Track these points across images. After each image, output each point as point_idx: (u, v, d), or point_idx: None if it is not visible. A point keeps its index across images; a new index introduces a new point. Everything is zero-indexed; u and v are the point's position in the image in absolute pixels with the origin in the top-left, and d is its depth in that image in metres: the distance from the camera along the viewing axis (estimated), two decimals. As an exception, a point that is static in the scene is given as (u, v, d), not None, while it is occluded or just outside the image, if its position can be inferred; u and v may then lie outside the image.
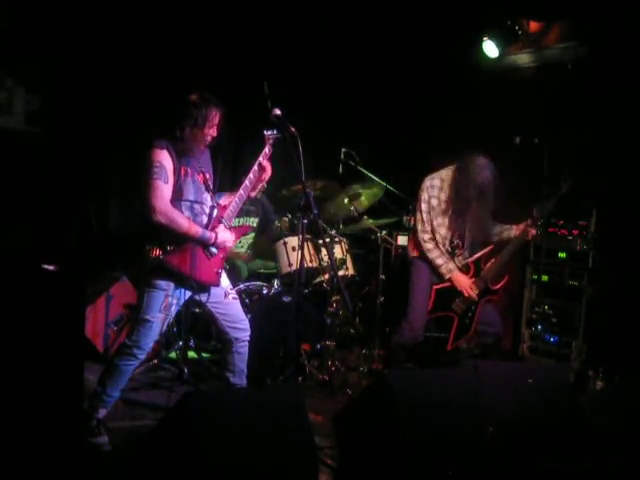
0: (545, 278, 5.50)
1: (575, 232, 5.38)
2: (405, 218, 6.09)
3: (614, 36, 5.35)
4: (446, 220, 4.82)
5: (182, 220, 3.66)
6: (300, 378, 4.91)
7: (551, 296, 5.49)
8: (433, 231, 4.82)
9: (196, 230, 3.70)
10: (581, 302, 5.31)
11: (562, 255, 5.43)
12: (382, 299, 5.88)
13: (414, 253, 4.95)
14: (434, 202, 4.82)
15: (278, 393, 3.36)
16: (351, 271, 5.38)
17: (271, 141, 3.94)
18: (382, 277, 5.87)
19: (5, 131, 5.47)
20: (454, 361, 5.06)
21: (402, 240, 6.17)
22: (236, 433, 3.00)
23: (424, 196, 4.83)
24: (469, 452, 3.34)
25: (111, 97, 5.65)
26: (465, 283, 4.78)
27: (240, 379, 4.06)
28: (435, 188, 4.83)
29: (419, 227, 4.85)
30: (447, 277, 4.78)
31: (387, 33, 6.29)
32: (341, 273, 5.23)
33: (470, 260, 4.84)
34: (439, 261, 4.79)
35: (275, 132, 3.91)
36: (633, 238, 5.18)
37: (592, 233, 5.30)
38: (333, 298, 5.32)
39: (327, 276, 5.24)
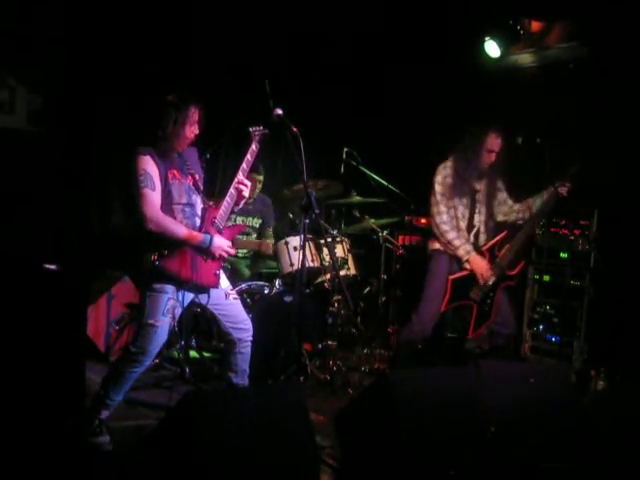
0: (547, 278, 5.50)
1: (577, 232, 5.37)
2: (406, 218, 6.09)
3: (616, 36, 5.34)
4: (463, 199, 4.83)
5: (175, 227, 3.64)
6: (301, 378, 4.90)
7: (553, 296, 5.48)
8: (451, 210, 4.79)
9: (193, 235, 3.68)
10: (583, 302, 5.30)
11: (564, 255, 5.43)
12: (384, 299, 5.89)
13: (434, 245, 4.91)
14: (449, 180, 4.80)
15: (279, 393, 3.36)
16: (352, 271, 5.38)
17: (257, 137, 3.91)
18: (384, 277, 5.87)
19: (7, 130, 5.48)
20: (461, 361, 5.05)
21: (403, 240, 6.18)
22: (237, 433, 3.00)
23: (438, 178, 4.83)
24: (470, 452, 3.34)
25: (113, 97, 5.65)
26: (482, 265, 4.75)
27: (242, 379, 4.06)
28: (448, 168, 4.84)
29: (434, 210, 4.81)
30: (465, 259, 4.74)
31: (388, 33, 6.29)
32: (342, 273, 5.23)
33: (485, 247, 4.84)
34: (457, 242, 4.75)
35: (261, 128, 3.90)
36: (635, 238, 5.18)
37: (594, 233, 5.30)
38: (335, 298, 5.32)
39: (329, 276, 5.24)
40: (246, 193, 3.91)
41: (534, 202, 4.85)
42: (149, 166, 3.62)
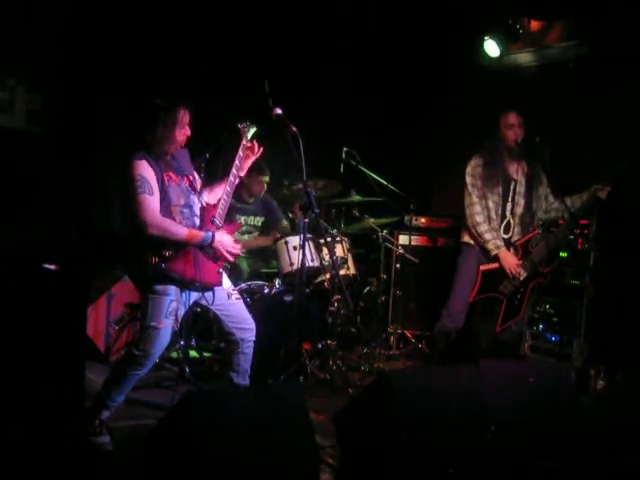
0: (546, 277, 5.50)
1: (576, 231, 5.37)
2: (406, 217, 6.09)
3: (615, 35, 5.35)
4: (496, 187, 4.85)
5: (175, 228, 3.63)
6: (301, 377, 4.91)
7: (552, 295, 5.48)
8: (483, 200, 4.83)
9: (194, 234, 3.68)
10: (582, 301, 5.30)
11: (563, 254, 5.42)
12: (383, 298, 5.89)
13: (464, 238, 4.99)
14: (478, 170, 4.85)
15: (279, 392, 3.36)
16: (352, 270, 5.38)
17: (246, 133, 3.92)
18: (383, 276, 5.87)
19: (6, 130, 5.47)
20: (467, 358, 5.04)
21: (403, 239, 6.18)
22: (237, 432, 3.01)
23: (468, 169, 4.89)
24: (470, 451, 3.34)
25: (112, 96, 5.65)
26: (512, 261, 4.78)
27: (243, 379, 4.05)
28: (478, 158, 4.89)
29: (467, 201, 4.87)
30: (494, 253, 4.78)
31: (389, 32, 6.29)
32: (342, 272, 5.22)
33: (518, 242, 4.86)
34: (487, 236, 4.79)
35: (249, 123, 3.91)
36: (634, 237, 5.18)
37: (593, 232, 5.30)
38: (334, 297, 5.32)
39: (328, 275, 5.24)
40: (250, 160, 3.92)
41: (573, 202, 4.84)
42: (145, 171, 3.60)
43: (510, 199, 4.90)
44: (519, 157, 4.92)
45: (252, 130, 3.92)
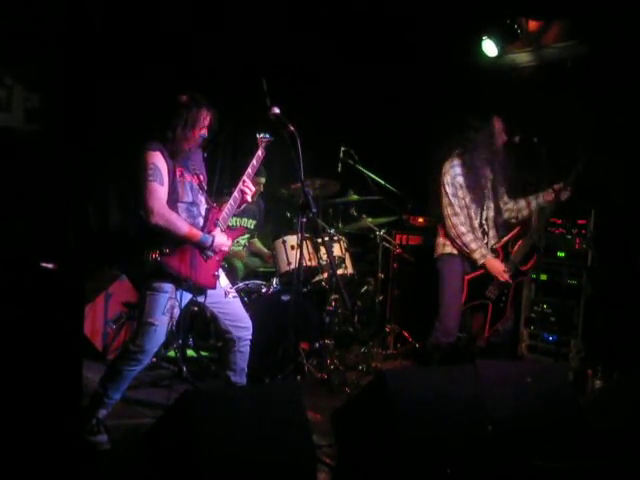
0: (544, 277, 5.49)
1: (574, 231, 5.37)
2: (404, 217, 6.09)
3: (614, 35, 5.35)
4: (476, 196, 4.74)
5: (180, 222, 3.65)
6: (299, 377, 4.91)
7: (550, 295, 5.48)
8: (464, 209, 4.71)
9: (194, 233, 3.69)
10: (580, 301, 5.30)
11: (561, 254, 5.43)
12: (381, 298, 5.89)
13: (445, 249, 4.80)
14: (459, 179, 4.70)
15: (277, 391, 3.36)
16: (350, 270, 5.39)
17: (264, 144, 3.93)
18: (381, 276, 5.87)
19: (4, 129, 5.47)
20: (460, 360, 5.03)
21: (400, 239, 6.18)
22: (235, 431, 3.01)
23: (447, 179, 4.70)
24: (468, 450, 3.34)
25: (111, 95, 5.64)
26: (499, 268, 4.70)
27: (241, 378, 4.06)
28: (457, 166, 4.72)
29: (449, 211, 4.69)
30: (481, 262, 4.68)
31: (387, 31, 6.29)
32: (340, 272, 5.23)
33: (498, 245, 4.81)
34: (473, 245, 4.67)
35: (268, 136, 3.92)
36: (631, 237, 5.19)
37: (591, 232, 5.29)
38: (332, 297, 5.33)
39: (326, 275, 5.24)
40: (249, 197, 3.93)
41: (530, 203, 4.83)
42: (159, 162, 3.62)
43: (485, 206, 4.82)
44: (498, 161, 4.81)
45: (269, 142, 3.93)
